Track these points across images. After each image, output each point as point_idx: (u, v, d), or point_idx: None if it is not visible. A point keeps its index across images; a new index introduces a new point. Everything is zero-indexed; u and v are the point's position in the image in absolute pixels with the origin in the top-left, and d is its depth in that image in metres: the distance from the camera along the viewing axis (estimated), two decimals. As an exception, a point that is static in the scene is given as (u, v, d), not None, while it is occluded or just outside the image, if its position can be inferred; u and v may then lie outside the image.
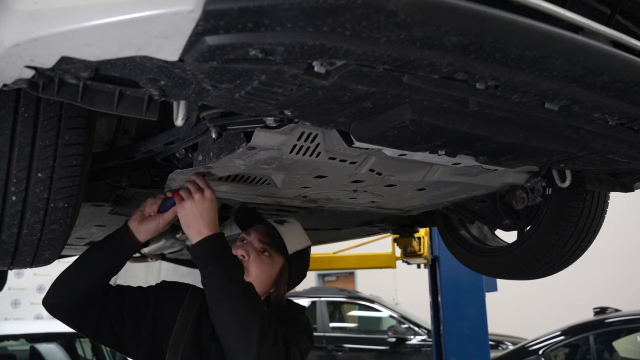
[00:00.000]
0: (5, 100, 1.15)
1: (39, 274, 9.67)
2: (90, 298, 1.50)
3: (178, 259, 4.44)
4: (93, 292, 1.50)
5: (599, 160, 1.40)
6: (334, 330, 7.47)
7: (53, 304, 1.52)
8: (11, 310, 9.49)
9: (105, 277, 1.53)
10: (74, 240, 2.72)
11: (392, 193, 1.79)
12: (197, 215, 1.44)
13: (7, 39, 0.86)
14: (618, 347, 4.83)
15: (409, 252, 4.91)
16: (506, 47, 0.85)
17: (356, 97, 0.98)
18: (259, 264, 1.58)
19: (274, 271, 1.61)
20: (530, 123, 1.14)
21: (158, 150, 1.51)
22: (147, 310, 1.57)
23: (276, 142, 1.28)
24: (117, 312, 1.53)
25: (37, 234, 1.29)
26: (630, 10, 1.15)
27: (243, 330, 1.34)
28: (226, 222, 2.51)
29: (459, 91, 0.97)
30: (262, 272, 1.59)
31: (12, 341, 4.90)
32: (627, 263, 9.28)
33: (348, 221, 2.51)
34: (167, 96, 1.04)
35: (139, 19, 0.78)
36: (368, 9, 0.73)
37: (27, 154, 1.18)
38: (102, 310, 1.52)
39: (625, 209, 6.15)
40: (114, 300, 1.54)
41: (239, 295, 1.38)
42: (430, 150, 1.29)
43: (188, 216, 1.45)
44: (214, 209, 1.47)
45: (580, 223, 2.05)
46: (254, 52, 0.81)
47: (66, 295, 1.50)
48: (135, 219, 1.54)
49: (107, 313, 1.52)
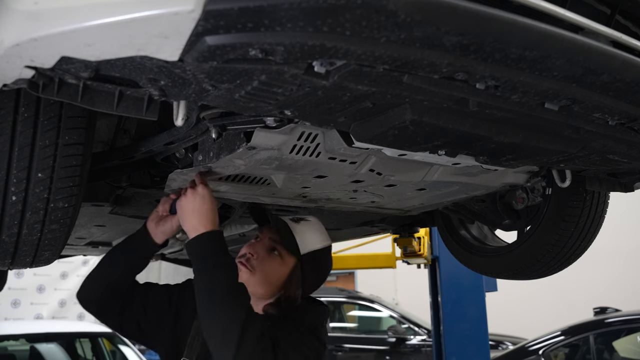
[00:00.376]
0: (5, 100, 1.15)
1: (39, 274, 9.67)
2: (114, 294, 1.53)
3: (178, 259, 4.43)
4: (116, 288, 1.54)
5: (599, 160, 1.40)
6: (334, 330, 7.46)
7: (84, 298, 1.57)
8: (11, 310, 9.49)
9: (129, 275, 1.56)
10: (74, 240, 2.72)
11: (392, 193, 1.79)
12: (190, 211, 1.40)
13: (7, 39, 0.86)
14: (618, 347, 4.83)
15: (409, 252, 4.91)
16: (506, 47, 0.85)
17: (356, 97, 0.97)
18: (266, 263, 1.54)
19: (284, 271, 1.55)
20: (530, 123, 1.14)
21: (158, 150, 1.51)
22: (169, 308, 1.59)
23: (276, 142, 1.28)
24: (140, 308, 1.57)
25: (37, 234, 1.29)
26: (630, 10, 1.15)
27: (222, 335, 1.25)
28: (226, 222, 2.51)
29: (459, 91, 0.97)
30: (270, 272, 1.53)
31: (12, 341, 4.90)
32: (627, 263, 9.28)
33: (348, 221, 2.51)
34: (167, 96, 1.04)
35: (139, 19, 0.78)
36: (368, 9, 0.73)
37: (27, 154, 1.18)
38: (125, 305, 1.55)
39: (625, 209, 6.15)
40: (138, 297, 1.58)
41: (220, 296, 1.29)
42: (430, 150, 1.29)
43: (182, 213, 1.43)
44: (207, 205, 1.41)
45: (580, 223, 2.05)
46: (254, 52, 0.81)
47: (94, 290, 1.55)
48: (152, 220, 1.55)
49: (130, 308, 1.56)
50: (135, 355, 5.21)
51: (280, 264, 1.55)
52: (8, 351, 4.83)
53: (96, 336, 5.29)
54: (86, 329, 5.55)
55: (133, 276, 1.57)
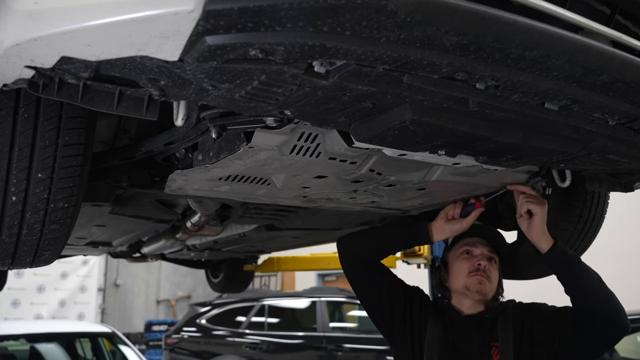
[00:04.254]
0: (5, 100, 1.15)
1: (39, 274, 9.68)
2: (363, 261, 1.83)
3: (178, 259, 4.44)
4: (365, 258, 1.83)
5: (599, 160, 1.40)
6: (334, 330, 7.46)
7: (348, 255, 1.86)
8: (11, 310, 9.50)
9: (385, 252, 1.87)
10: (74, 240, 2.72)
11: (392, 193, 1.79)
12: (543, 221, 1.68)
13: (7, 38, 0.86)
14: (618, 347, 4.82)
15: (408, 252, 4.91)
16: (506, 47, 0.85)
17: (356, 97, 0.97)
18: (492, 271, 1.78)
19: (498, 275, 1.81)
20: (530, 123, 1.14)
21: (158, 150, 1.51)
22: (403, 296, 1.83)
23: (276, 142, 1.28)
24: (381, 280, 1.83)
25: (37, 234, 1.29)
26: (630, 10, 1.15)
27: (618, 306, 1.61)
28: (226, 222, 2.51)
29: (459, 91, 0.97)
30: (495, 278, 1.78)
31: (12, 341, 4.90)
32: (627, 263, 9.28)
33: (348, 221, 2.51)
34: (167, 96, 1.04)
35: (139, 19, 0.78)
36: (368, 9, 0.73)
37: (27, 154, 1.18)
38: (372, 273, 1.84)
39: (625, 209, 6.15)
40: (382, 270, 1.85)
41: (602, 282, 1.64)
42: (430, 150, 1.29)
43: (541, 220, 1.68)
44: None
45: (580, 223, 2.06)
46: (254, 52, 0.81)
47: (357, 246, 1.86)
48: (442, 218, 1.79)
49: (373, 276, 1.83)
50: (135, 355, 5.20)
51: (497, 270, 1.80)
52: (8, 351, 4.83)
53: (96, 336, 5.28)
54: (86, 329, 5.55)
55: (384, 255, 1.87)
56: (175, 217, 2.34)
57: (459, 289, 1.78)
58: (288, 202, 1.86)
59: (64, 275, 10.29)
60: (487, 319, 1.73)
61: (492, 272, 1.77)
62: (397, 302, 1.82)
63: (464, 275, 1.76)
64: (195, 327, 7.66)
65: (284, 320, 7.87)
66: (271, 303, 7.81)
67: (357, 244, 1.87)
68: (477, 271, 1.76)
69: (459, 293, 1.78)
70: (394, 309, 1.82)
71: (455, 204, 1.80)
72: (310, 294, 8.00)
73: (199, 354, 7.48)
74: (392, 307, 1.82)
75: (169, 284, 12.87)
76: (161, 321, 11.29)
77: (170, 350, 7.66)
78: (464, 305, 1.77)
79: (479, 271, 1.76)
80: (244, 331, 7.42)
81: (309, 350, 7.06)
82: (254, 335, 7.36)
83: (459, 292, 1.78)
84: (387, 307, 1.83)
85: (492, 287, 1.77)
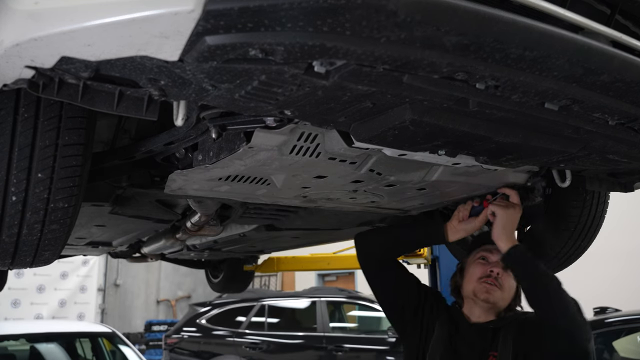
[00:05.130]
0: (5, 100, 1.15)
1: (39, 274, 9.68)
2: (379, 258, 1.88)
3: (178, 259, 4.44)
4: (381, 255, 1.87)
5: (599, 160, 1.40)
6: (334, 330, 7.46)
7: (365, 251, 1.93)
8: (11, 310, 9.50)
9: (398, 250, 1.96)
10: (74, 240, 2.72)
11: (392, 193, 1.79)
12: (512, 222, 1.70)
13: (7, 38, 0.86)
14: (618, 347, 4.82)
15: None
16: (506, 47, 0.85)
17: (356, 97, 0.97)
18: (505, 280, 1.76)
19: (514, 284, 1.77)
20: (530, 123, 1.14)
21: (158, 150, 1.51)
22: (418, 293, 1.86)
23: (276, 142, 1.28)
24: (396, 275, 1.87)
25: (37, 234, 1.29)
26: (630, 10, 1.15)
27: (573, 315, 1.59)
28: (226, 222, 2.51)
29: (459, 91, 0.97)
30: (509, 287, 1.77)
31: (12, 341, 4.90)
32: (627, 263, 9.27)
33: (348, 221, 2.51)
34: (167, 96, 1.04)
35: (139, 19, 0.78)
36: (368, 9, 0.73)
37: (27, 154, 1.18)
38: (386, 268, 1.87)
39: (625, 209, 6.15)
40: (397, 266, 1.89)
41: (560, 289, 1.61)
42: (430, 150, 1.29)
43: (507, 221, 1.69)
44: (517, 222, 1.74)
45: (580, 223, 2.05)
46: (254, 52, 0.81)
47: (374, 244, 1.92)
48: (456, 219, 1.80)
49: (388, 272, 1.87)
50: (135, 355, 5.20)
51: (512, 278, 1.76)
52: (8, 351, 4.83)
53: (96, 336, 5.28)
54: (86, 329, 5.55)
55: (400, 253, 1.97)
56: (175, 217, 2.34)
57: (469, 295, 1.77)
58: (288, 202, 1.86)
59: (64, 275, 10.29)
60: (490, 329, 1.71)
61: (506, 280, 1.74)
62: (410, 299, 1.84)
63: (475, 280, 1.76)
64: (195, 327, 7.67)
65: (284, 320, 7.87)
66: (271, 303, 7.81)
67: (374, 242, 1.92)
68: (488, 277, 1.75)
69: (469, 299, 1.78)
70: (407, 305, 1.84)
71: (465, 205, 1.81)
72: (310, 294, 8.01)
73: (199, 354, 7.48)
74: (405, 303, 1.84)
75: (169, 284, 12.87)
76: (161, 321, 11.30)
77: (170, 350, 7.66)
78: (473, 313, 1.77)
79: (490, 278, 1.75)
80: (244, 331, 7.42)
81: (309, 350, 7.06)
82: (254, 335, 7.36)
83: (469, 299, 1.78)
84: (400, 303, 1.85)
85: (505, 297, 1.74)
